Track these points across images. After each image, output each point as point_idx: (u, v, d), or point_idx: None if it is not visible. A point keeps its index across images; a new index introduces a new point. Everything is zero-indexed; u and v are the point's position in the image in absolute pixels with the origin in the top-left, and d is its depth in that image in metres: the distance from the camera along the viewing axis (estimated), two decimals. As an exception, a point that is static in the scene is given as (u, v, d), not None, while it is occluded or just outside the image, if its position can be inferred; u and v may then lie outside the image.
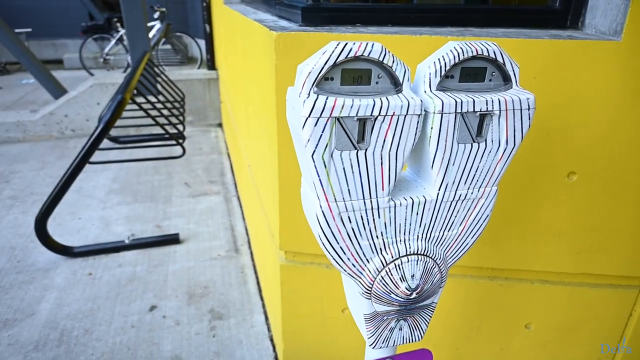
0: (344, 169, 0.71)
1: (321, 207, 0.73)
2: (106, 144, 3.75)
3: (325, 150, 0.68)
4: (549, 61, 1.15)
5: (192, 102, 4.72)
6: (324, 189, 0.71)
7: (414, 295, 0.79)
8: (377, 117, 0.69)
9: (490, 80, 0.77)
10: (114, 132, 3.81)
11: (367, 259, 0.78)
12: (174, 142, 2.88)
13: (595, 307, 1.44)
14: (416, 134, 0.72)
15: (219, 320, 2.04)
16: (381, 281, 0.79)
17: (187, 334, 1.95)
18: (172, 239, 2.64)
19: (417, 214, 0.78)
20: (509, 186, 1.30)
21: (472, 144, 0.76)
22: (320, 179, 0.70)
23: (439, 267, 0.82)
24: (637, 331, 1.44)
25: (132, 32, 4.47)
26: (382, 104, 0.68)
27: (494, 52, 0.74)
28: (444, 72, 0.73)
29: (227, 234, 2.76)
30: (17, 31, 6.36)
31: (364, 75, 0.70)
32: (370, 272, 0.79)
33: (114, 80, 4.42)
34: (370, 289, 0.80)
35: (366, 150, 0.71)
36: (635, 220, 1.30)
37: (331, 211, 0.73)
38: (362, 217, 0.75)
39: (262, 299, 2.18)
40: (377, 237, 0.77)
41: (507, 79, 0.78)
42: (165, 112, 3.84)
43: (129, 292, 2.22)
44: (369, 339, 0.87)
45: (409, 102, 0.69)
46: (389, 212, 0.76)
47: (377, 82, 0.71)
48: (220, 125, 4.87)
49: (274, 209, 1.51)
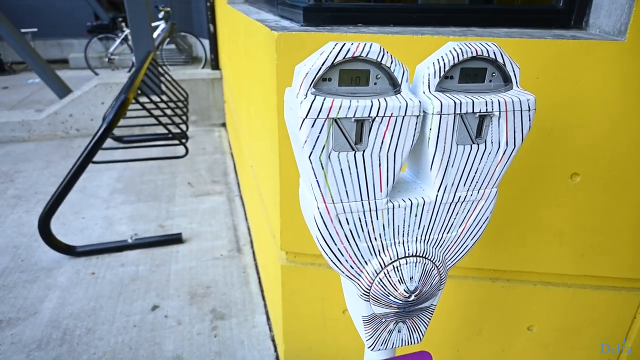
0: (341, 170, 0.70)
1: (319, 208, 0.72)
2: (110, 143, 3.77)
3: (322, 151, 0.68)
4: (552, 61, 1.14)
5: (195, 102, 4.72)
6: (321, 191, 0.71)
7: (413, 297, 0.78)
8: (375, 118, 0.68)
9: (490, 81, 0.76)
10: (118, 132, 3.83)
11: (365, 261, 0.78)
12: (177, 141, 2.89)
13: (598, 309, 1.43)
14: (414, 136, 0.71)
15: (221, 320, 2.04)
16: (379, 283, 0.78)
17: (188, 334, 1.96)
18: (175, 239, 2.64)
19: (416, 216, 0.78)
20: (510, 187, 1.29)
21: (471, 146, 0.75)
22: (317, 180, 0.70)
23: (438, 269, 0.81)
24: (641, 334, 1.43)
25: (137, 31, 4.48)
26: (380, 105, 0.67)
27: (494, 53, 0.74)
28: (443, 73, 0.72)
29: (230, 233, 2.76)
30: (23, 31, 6.38)
31: (362, 76, 0.69)
32: (368, 274, 0.78)
33: (118, 80, 4.44)
34: (368, 291, 0.79)
35: (364, 151, 0.70)
36: (638, 221, 1.29)
37: (329, 213, 0.72)
38: (360, 218, 0.75)
39: (264, 299, 2.18)
40: (375, 238, 0.77)
41: (507, 80, 0.77)
42: (168, 111, 3.85)
43: (132, 291, 2.22)
44: (367, 341, 0.86)
45: (407, 103, 0.68)
46: (388, 213, 0.76)
47: (375, 83, 0.70)
48: (223, 125, 4.87)
49: (275, 209, 1.51)
